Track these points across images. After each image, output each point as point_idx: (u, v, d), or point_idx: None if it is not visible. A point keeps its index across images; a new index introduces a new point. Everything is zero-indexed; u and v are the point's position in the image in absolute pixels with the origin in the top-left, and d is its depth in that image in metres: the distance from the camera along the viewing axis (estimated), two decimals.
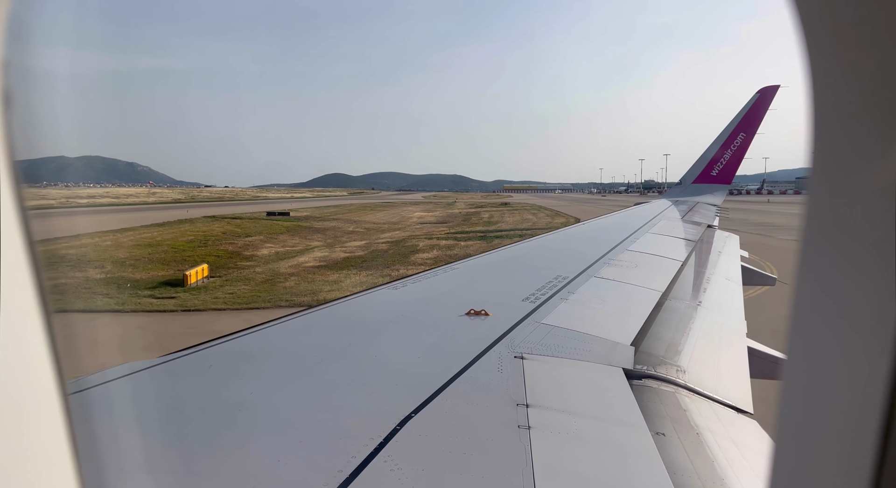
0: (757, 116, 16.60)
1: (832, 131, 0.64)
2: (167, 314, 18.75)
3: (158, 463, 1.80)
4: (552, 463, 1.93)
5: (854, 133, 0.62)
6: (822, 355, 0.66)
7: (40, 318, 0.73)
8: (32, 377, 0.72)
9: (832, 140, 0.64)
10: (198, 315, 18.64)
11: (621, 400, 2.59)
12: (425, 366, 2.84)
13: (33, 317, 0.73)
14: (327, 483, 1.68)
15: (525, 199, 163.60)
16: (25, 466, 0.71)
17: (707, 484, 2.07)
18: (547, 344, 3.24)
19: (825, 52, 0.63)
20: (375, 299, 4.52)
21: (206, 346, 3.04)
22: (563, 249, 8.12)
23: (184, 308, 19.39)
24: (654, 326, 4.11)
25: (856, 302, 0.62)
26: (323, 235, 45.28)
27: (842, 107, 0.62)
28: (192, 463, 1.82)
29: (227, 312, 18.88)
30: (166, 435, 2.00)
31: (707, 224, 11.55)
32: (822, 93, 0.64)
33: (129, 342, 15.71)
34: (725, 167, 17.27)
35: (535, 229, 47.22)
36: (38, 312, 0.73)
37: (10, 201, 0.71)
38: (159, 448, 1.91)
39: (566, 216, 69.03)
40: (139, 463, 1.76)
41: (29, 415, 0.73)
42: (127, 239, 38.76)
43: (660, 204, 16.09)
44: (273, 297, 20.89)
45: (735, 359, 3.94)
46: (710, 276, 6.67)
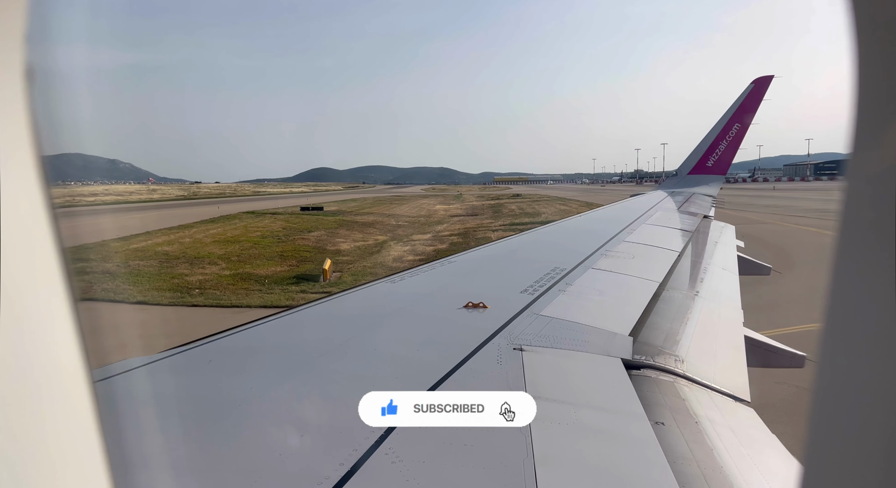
0: (752, 107, 16.82)
1: (876, 123, 0.62)
2: None
3: (158, 458, 1.82)
4: (552, 454, 1.95)
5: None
6: (857, 359, 0.63)
7: (68, 309, 0.74)
8: (59, 369, 0.73)
9: (875, 133, 0.62)
10: None
11: (620, 390, 2.61)
12: (424, 358, 2.87)
13: (61, 308, 0.73)
14: (329, 476, 1.70)
15: (530, 191, 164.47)
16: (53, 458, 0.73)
17: (706, 471, 2.09)
18: (545, 335, 3.25)
19: (876, 43, 0.61)
20: (374, 293, 4.57)
21: (204, 342, 3.05)
22: (560, 241, 8.20)
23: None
24: (651, 316, 4.12)
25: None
26: (376, 229, 44.84)
27: (888, 99, 0.60)
28: (191, 458, 1.84)
29: None
30: (166, 430, 2.01)
31: (703, 214, 11.68)
32: (869, 84, 0.61)
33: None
34: (721, 157, 17.45)
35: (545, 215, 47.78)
36: (66, 303, 0.74)
37: (37, 194, 0.71)
38: (159, 442, 1.92)
39: (591, 203, 70.03)
40: (141, 456, 1.78)
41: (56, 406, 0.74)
42: (199, 236, 38.18)
43: (656, 195, 16.20)
44: None
45: (732, 348, 3.97)
46: (707, 266, 6.72)
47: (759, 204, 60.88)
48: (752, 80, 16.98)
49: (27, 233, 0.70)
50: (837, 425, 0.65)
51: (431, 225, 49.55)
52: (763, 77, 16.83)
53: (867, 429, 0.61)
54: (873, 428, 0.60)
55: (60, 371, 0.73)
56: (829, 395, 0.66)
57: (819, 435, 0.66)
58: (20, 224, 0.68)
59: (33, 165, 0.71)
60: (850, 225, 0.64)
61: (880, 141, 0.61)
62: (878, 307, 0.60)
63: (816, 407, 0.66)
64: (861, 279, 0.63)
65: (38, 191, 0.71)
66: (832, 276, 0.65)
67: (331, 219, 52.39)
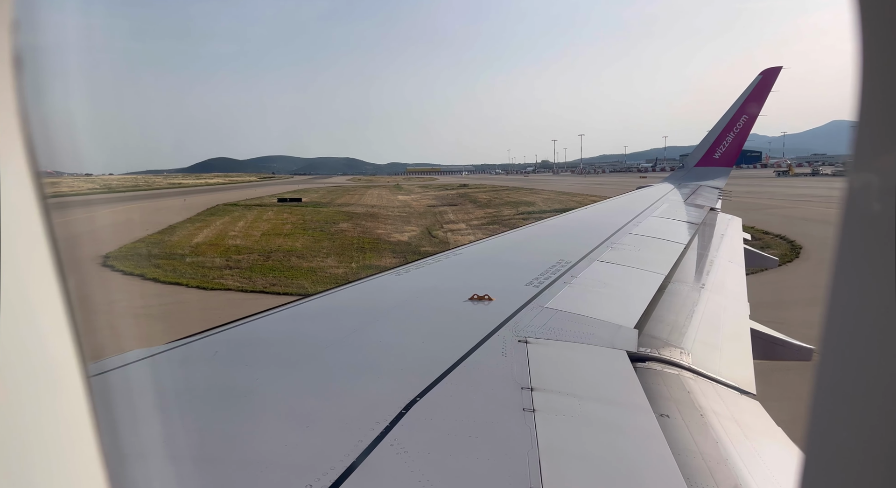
0: (760, 98, 16.61)
1: (881, 120, 0.61)
2: None
3: (164, 449, 1.84)
4: (557, 446, 1.96)
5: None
6: (859, 355, 0.63)
7: (64, 302, 0.74)
8: (55, 365, 0.74)
9: (880, 129, 0.61)
10: None
11: (625, 383, 2.62)
12: (430, 350, 2.90)
13: (58, 302, 0.74)
14: (334, 467, 1.71)
15: (461, 180, 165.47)
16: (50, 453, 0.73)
17: (711, 464, 2.09)
18: (550, 327, 3.27)
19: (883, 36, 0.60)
20: (379, 285, 4.60)
21: (210, 333, 3.08)
22: (565, 234, 8.22)
23: None
24: (657, 309, 4.14)
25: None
26: (377, 222, 45.09)
27: (892, 97, 0.59)
28: (198, 449, 1.86)
29: None
30: (172, 422, 2.03)
31: (710, 207, 11.60)
32: (874, 80, 0.60)
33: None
34: (728, 150, 17.27)
35: (569, 206, 50.83)
36: (61, 296, 0.74)
37: (28, 187, 0.71)
38: (164, 434, 1.94)
39: (546, 191, 74.12)
40: (144, 448, 1.81)
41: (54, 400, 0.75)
42: (223, 229, 38.64)
43: (662, 187, 16.12)
44: None
45: (738, 340, 4.00)
46: (713, 259, 6.71)
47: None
48: (760, 71, 16.80)
49: (22, 226, 0.70)
50: (838, 420, 0.65)
51: (420, 217, 49.86)
52: (771, 68, 16.62)
53: (868, 424, 0.61)
54: (875, 423, 0.60)
55: (61, 365, 0.74)
56: (831, 390, 0.66)
57: (820, 431, 0.66)
58: (14, 217, 0.69)
59: (24, 156, 0.71)
60: (852, 221, 0.64)
61: (883, 139, 0.61)
62: (880, 303, 0.60)
63: (818, 401, 0.66)
64: (862, 275, 0.63)
65: (29, 181, 0.71)
66: (834, 272, 0.65)
67: (324, 211, 52.54)
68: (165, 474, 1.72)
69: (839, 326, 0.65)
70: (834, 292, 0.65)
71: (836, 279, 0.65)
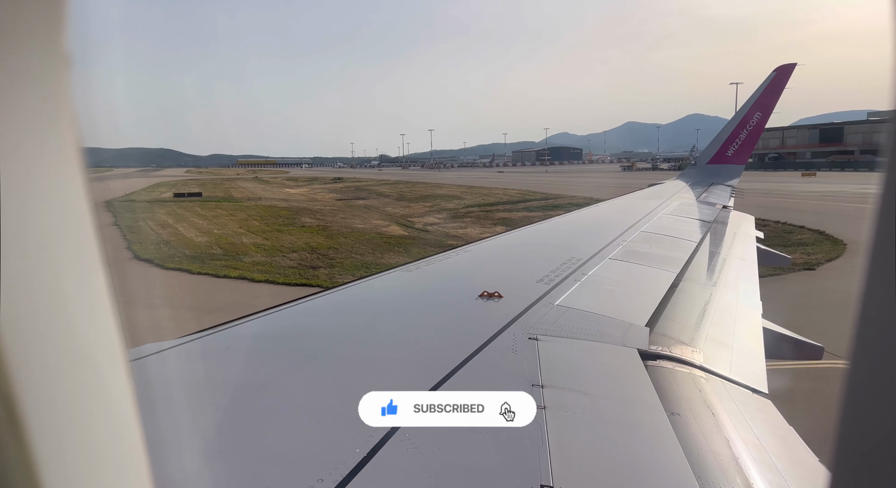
0: (774, 95, 16.52)
1: None
2: None
3: (176, 443, 1.86)
4: (567, 443, 1.97)
5: None
6: (891, 362, 0.59)
7: (107, 293, 0.77)
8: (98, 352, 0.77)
9: None
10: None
11: (636, 381, 2.62)
12: (440, 347, 2.91)
13: (102, 292, 0.76)
14: (345, 461, 1.73)
15: (318, 174, 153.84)
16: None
17: (722, 463, 2.08)
18: (561, 325, 3.27)
19: None
20: (390, 282, 4.62)
21: (221, 328, 3.11)
22: (576, 231, 8.24)
23: None
24: (668, 307, 4.12)
25: None
26: (331, 217, 42.57)
27: None
28: (210, 443, 1.87)
29: None
30: (184, 417, 2.05)
31: (722, 205, 11.58)
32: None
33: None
34: (741, 147, 17.21)
35: (489, 198, 52.26)
36: (105, 287, 0.77)
37: (77, 180, 0.72)
38: (177, 428, 1.96)
39: (447, 185, 75.89)
40: (157, 442, 1.80)
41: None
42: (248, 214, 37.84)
43: (674, 184, 16.17)
44: None
45: (750, 339, 3.97)
46: (726, 257, 6.71)
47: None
48: (774, 68, 16.65)
49: (69, 220, 0.72)
50: (868, 430, 0.61)
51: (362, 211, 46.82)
52: (785, 65, 16.46)
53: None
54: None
55: (100, 354, 0.77)
56: (861, 399, 0.63)
57: (848, 442, 0.63)
58: (62, 211, 0.71)
59: (74, 152, 0.72)
60: (887, 220, 0.60)
61: None
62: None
63: (847, 410, 0.63)
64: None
65: (78, 177, 0.72)
66: (866, 274, 0.62)
67: (260, 206, 49.28)
68: (182, 464, 1.73)
69: (872, 332, 0.62)
70: (867, 294, 0.62)
71: (869, 281, 0.62)
